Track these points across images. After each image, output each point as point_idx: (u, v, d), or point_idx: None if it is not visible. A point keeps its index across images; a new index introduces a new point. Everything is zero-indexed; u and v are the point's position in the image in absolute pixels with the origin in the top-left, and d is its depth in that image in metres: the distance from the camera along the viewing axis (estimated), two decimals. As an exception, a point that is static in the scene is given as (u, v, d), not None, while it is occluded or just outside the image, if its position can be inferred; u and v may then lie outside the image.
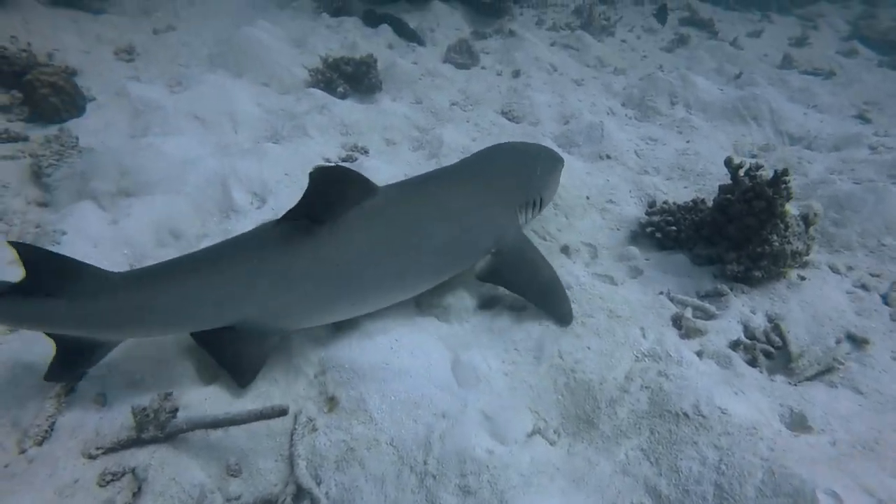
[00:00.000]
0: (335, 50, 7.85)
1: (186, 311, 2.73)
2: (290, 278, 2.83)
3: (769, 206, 3.53)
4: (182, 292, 2.70)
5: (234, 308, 2.77)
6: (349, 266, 2.93)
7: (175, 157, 4.82)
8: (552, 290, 3.40)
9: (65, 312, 2.51)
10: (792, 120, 6.50)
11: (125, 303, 2.60)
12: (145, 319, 2.69)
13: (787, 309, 3.69)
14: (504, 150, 4.10)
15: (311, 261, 2.87)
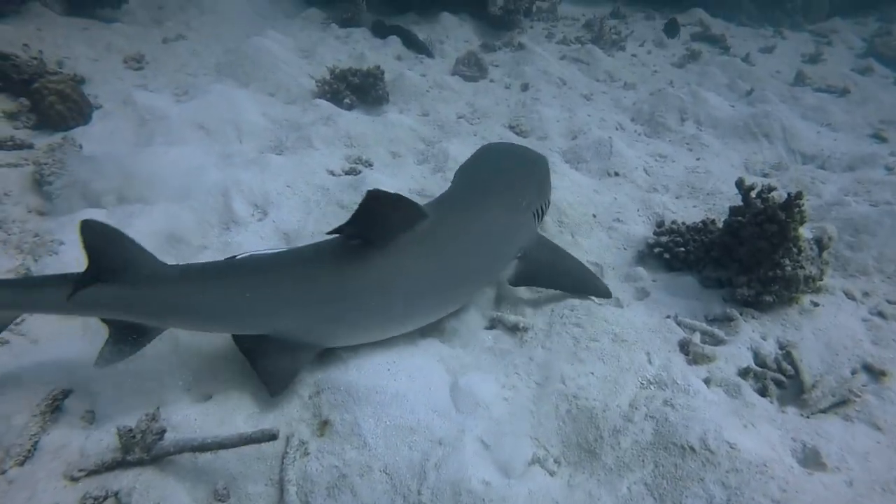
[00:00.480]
0: (343, 61, 7.85)
1: (226, 313, 2.82)
2: (334, 297, 2.87)
3: (781, 229, 3.42)
4: (224, 294, 2.77)
5: (270, 318, 2.81)
6: (396, 289, 2.98)
7: (178, 166, 4.78)
8: (583, 276, 3.65)
9: (126, 298, 2.61)
10: (805, 138, 6.38)
11: (177, 295, 2.71)
12: (192, 313, 2.80)
13: (800, 336, 3.56)
14: (502, 154, 4.24)
15: (359, 281, 2.89)
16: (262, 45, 7.37)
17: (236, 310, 2.80)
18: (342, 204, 4.56)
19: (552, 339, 3.40)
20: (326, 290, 2.87)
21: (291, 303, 2.84)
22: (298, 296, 2.85)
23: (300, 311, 2.86)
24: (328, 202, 4.59)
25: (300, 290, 2.85)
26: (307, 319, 2.87)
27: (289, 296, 2.83)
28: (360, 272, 2.88)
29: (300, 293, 2.85)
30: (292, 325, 2.84)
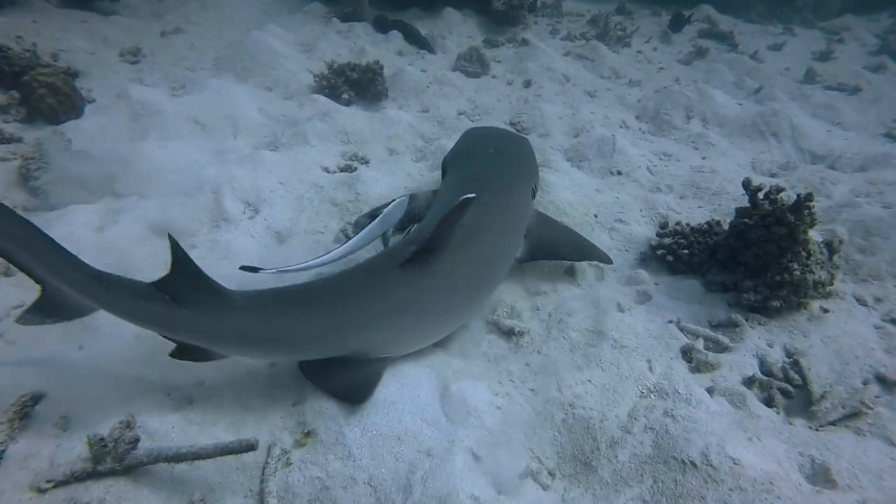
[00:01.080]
0: (343, 56, 7.72)
1: (307, 339, 2.76)
2: (404, 307, 2.89)
3: (790, 232, 3.27)
4: (298, 322, 2.71)
5: (348, 340, 2.78)
6: (451, 287, 3.02)
7: (170, 162, 4.69)
8: (584, 247, 3.85)
9: (187, 322, 2.55)
10: (814, 137, 6.20)
11: (243, 324, 2.60)
12: (260, 343, 2.72)
13: (808, 344, 3.41)
14: (489, 139, 4.32)
15: (420, 286, 2.90)
16: (262, 39, 7.25)
17: (313, 337, 2.76)
18: (335, 202, 4.43)
19: (549, 345, 3.27)
20: (398, 302, 2.86)
21: (370, 320, 2.82)
22: (375, 312, 2.82)
23: (378, 326, 2.84)
24: (321, 200, 4.47)
25: (376, 306, 2.81)
26: (384, 333, 2.88)
27: (367, 314, 2.80)
28: (419, 278, 2.87)
29: (377, 309, 2.81)
30: (371, 341, 2.84)
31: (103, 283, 2.52)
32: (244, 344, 2.70)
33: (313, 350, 2.81)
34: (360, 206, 4.37)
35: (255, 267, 3.10)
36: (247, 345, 2.71)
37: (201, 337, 2.63)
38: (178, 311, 2.50)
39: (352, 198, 4.44)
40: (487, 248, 3.22)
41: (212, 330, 2.61)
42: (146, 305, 2.51)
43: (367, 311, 2.79)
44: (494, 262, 3.35)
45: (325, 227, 4.22)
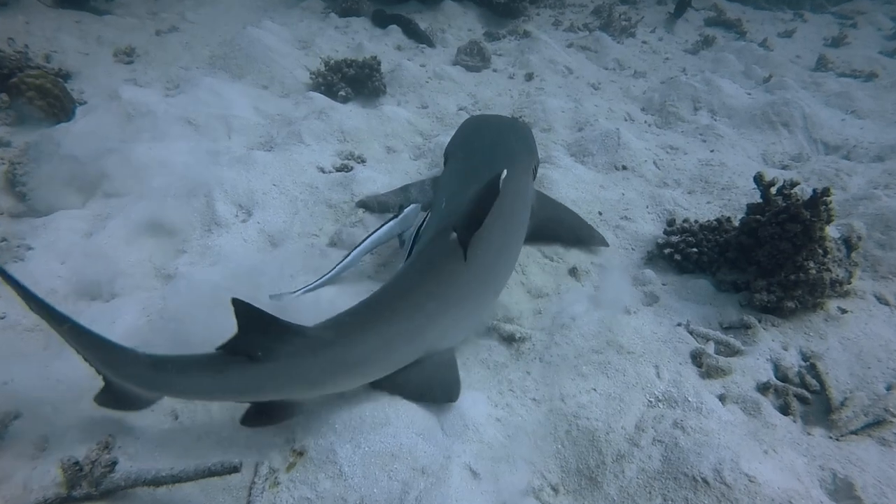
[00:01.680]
0: (341, 52, 7.57)
1: (386, 356, 2.66)
2: (461, 294, 2.88)
3: (806, 229, 3.09)
4: (380, 339, 2.60)
5: (427, 341, 2.76)
6: (485, 269, 3.03)
7: (160, 165, 4.56)
8: (581, 229, 3.98)
9: (272, 377, 2.36)
10: (828, 127, 5.98)
11: (326, 359, 2.46)
12: (347, 373, 2.57)
13: (826, 346, 3.24)
14: (489, 125, 4.36)
15: (468, 274, 2.89)
16: (257, 36, 7.10)
17: (396, 349, 2.67)
18: (330, 203, 4.29)
19: (551, 351, 3.12)
20: (459, 290, 2.87)
21: (442, 315, 2.80)
22: (445, 306, 2.80)
23: (448, 319, 2.84)
24: (316, 202, 4.33)
25: (444, 300, 2.80)
26: (452, 324, 2.89)
27: (439, 310, 2.78)
28: (464, 267, 2.83)
29: (445, 303, 2.81)
30: (444, 336, 2.85)
31: (163, 369, 2.33)
32: (335, 378, 2.55)
33: (401, 361, 2.72)
34: (356, 208, 4.23)
35: (282, 293, 3.16)
36: (338, 378, 2.56)
37: (290, 387, 2.46)
38: (258, 369, 2.30)
39: (347, 199, 4.30)
40: (505, 225, 3.23)
41: (301, 375, 2.44)
42: (219, 377, 2.31)
43: (439, 308, 2.77)
44: (512, 238, 3.36)
45: (320, 230, 4.09)
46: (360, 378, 2.65)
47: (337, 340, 2.46)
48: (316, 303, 3.30)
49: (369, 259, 3.80)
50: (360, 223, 4.11)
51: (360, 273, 3.70)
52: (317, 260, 3.76)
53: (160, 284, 3.63)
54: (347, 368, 2.54)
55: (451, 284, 2.83)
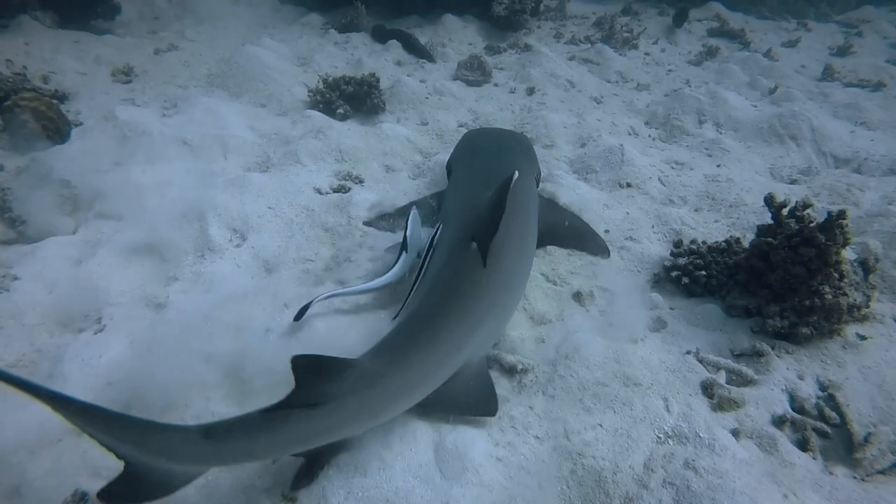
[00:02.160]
0: (340, 68, 7.52)
1: (434, 376, 2.63)
2: (491, 301, 2.90)
3: (821, 253, 2.94)
4: (428, 360, 2.58)
5: (464, 355, 2.75)
6: (512, 278, 3.10)
7: (154, 188, 4.48)
8: (583, 233, 4.05)
9: (330, 421, 2.27)
10: (837, 139, 5.84)
11: (383, 389, 2.39)
12: (401, 399, 2.52)
13: (845, 375, 3.08)
14: (490, 137, 4.63)
15: (496, 278, 2.93)
16: (255, 54, 7.05)
17: (444, 365, 2.66)
18: (326, 226, 4.19)
19: (555, 384, 2.98)
20: (489, 297, 2.89)
21: (479, 325, 2.80)
22: (480, 315, 2.82)
23: (484, 328, 2.85)
24: (312, 225, 4.22)
25: (479, 310, 2.82)
26: (487, 333, 2.91)
27: (477, 321, 2.79)
28: (489, 275, 2.88)
29: (480, 312, 2.82)
30: (478, 349, 2.88)
31: (214, 437, 2.12)
32: (392, 407, 2.48)
33: (445, 377, 2.69)
34: (352, 231, 4.12)
35: (306, 306, 3.14)
36: (394, 406, 2.50)
37: (351, 425, 2.37)
38: (321, 413, 2.21)
39: (343, 222, 4.19)
40: (520, 230, 3.33)
41: (361, 410, 2.34)
42: (281, 430, 2.17)
43: (476, 320, 2.77)
44: (527, 242, 3.44)
45: (316, 255, 3.97)
46: (412, 401, 2.58)
47: (390, 368, 2.42)
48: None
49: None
50: (359, 247, 3.99)
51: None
52: (311, 288, 3.64)
53: (151, 314, 3.51)
54: (402, 394, 2.50)
55: (481, 295, 2.84)
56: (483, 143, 4.47)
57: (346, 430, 2.38)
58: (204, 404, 2.82)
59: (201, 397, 2.84)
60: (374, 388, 2.34)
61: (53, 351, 3.07)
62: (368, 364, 2.39)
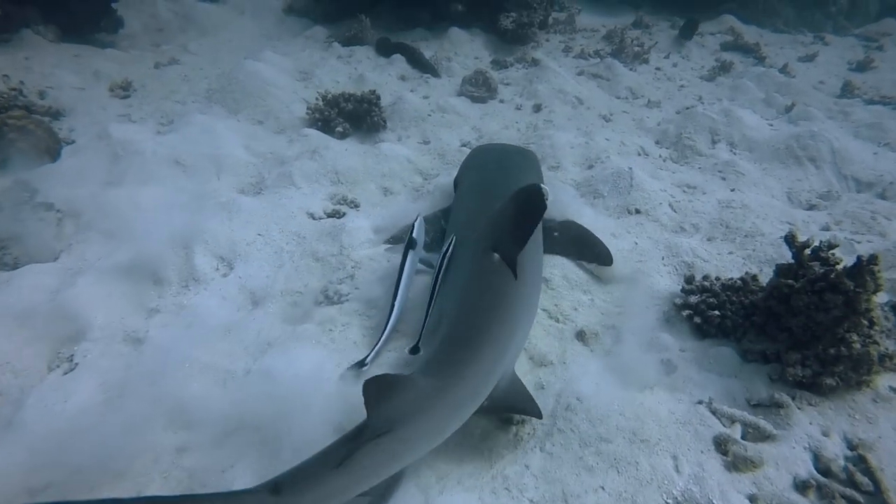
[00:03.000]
0: (342, 83, 7.37)
1: (489, 383, 2.62)
2: (521, 310, 2.95)
3: (849, 301, 2.68)
4: (477, 373, 2.56)
5: (504, 365, 2.75)
6: (531, 286, 3.17)
7: (141, 211, 4.32)
8: (586, 242, 3.96)
9: (402, 442, 2.24)
10: (859, 161, 5.55)
11: (444, 406, 2.40)
12: (459, 414, 2.49)
13: (877, 434, 2.80)
14: (498, 153, 4.63)
15: (519, 292, 2.98)
16: (255, 69, 6.92)
17: (489, 377, 2.63)
18: (317, 256, 3.99)
19: (554, 439, 2.74)
20: (520, 307, 2.94)
21: (515, 332, 2.85)
22: (515, 323, 2.87)
23: (517, 342, 2.90)
24: (302, 254, 4.02)
25: (514, 319, 2.87)
26: (518, 347, 2.96)
27: (510, 335, 2.82)
28: (515, 285, 2.93)
29: (515, 321, 2.87)
30: (512, 359, 2.89)
31: (282, 491, 2.01)
32: (450, 423, 2.46)
33: (492, 387, 2.65)
34: (344, 262, 3.91)
35: (362, 362, 3.04)
36: (453, 421, 2.48)
37: (417, 449, 2.35)
38: (387, 443, 2.14)
39: (335, 251, 3.99)
40: (536, 248, 3.43)
41: (425, 433, 2.34)
42: (351, 470, 2.09)
43: (511, 328, 2.81)
44: (538, 251, 3.54)
45: (305, 287, 3.77)
46: (466, 415, 2.54)
47: (446, 384, 2.41)
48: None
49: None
50: (349, 279, 3.79)
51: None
52: (297, 325, 3.44)
53: (128, 351, 3.32)
54: (459, 409, 2.47)
55: (513, 304, 2.89)
56: (488, 157, 4.54)
57: (414, 453, 2.34)
58: (172, 458, 2.61)
59: (167, 456, 2.64)
60: (436, 405, 2.33)
61: (16, 394, 2.88)
62: (425, 381, 2.36)
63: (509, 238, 2.94)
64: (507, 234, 2.96)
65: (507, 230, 2.97)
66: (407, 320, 3.38)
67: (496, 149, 4.88)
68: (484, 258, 3.00)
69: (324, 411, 2.68)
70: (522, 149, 5.00)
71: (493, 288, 2.90)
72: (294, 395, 2.76)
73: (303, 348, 3.18)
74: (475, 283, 2.97)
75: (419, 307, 3.28)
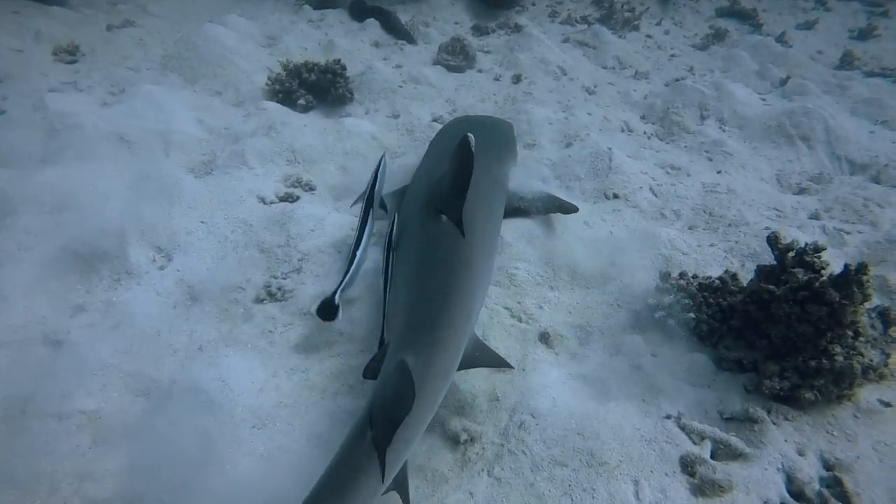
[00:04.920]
0: (311, 49, 6.87)
1: (463, 344, 2.54)
2: (477, 275, 2.85)
3: (833, 313, 2.40)
4: (457, 332, 2.49)
5: (474, 316, 2.72)
6: (487, 244, 3.10)
7: (74, 195, 3.94)
8: (549, 201, 3.89)
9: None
10: (854, 141, 5.22)
11: (433, 378, 2.30)
12: (446, 381, 2.42)
13: (856, 453, 2.58)
14: (476, 124, 4.40)
15: (474, 250, 2.89)
16: (216, 34, 6.40)
17: (465, 329, 2.58)
18: (263, 247, 3.66)
19: (503, 462, 2.50)
20: (477, 263, 2.85)
21: (475, 290, 2.76)
22: (474, 281, 2.77)
23: (481, 292, 2.86)
24: (247, 244, 3.69)
25: (471, 276, 2.76)
26: (481, 297, 2.91)
27: (472, 286, 2.74)
28: (466, 244, 2.86)
29: (473, 278, 2.77)
30: (478, 308, 2.84)
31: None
32: (440, 393, 2.39)
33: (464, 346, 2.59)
34: (290, 253, 3.59)
35: (333, 307, 2.95)
36: (441, 391, 2.40)
37: (421, 426, 2.27)
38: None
39: (282, 242, 3.66)
40: (492, 221, 3.35)
41: (423, 411, 2.24)
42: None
43: (472, 286, 2.73)
44: (496, 231, 3.44)
45: (247, 282, 3.45)
46: (450, 381, 2.47)
47: (430, 356, 2.29)
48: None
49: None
50: (296, 273, 3.48)
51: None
52: (234, 324, 3.14)
53: (45, 354, 3.01)
54: (444, 377, 2.38)
55: (469, 263, 2.79)
56: (459, 130, 4.21)
57: (418, 432, 2.25)
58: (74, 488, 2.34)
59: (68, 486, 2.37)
60: (425, 384, 2.20)
61: None
62: (400, 356, 2.21)
63: (450, 197, 2.85)
64: (447, 194, 2.87)
65: (446, 189, 2.89)
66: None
67: (471, 121, 4.67)
68: (431, 223, 2.91)
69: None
70: (498, 122, 4.73)
71: (446, 250, 2.81)
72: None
73: (234, 356, 2.89)
74: (427, 251, 2.87)
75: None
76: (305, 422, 2.66)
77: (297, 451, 2.49)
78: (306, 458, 2.48)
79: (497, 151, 4.00)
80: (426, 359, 2.27)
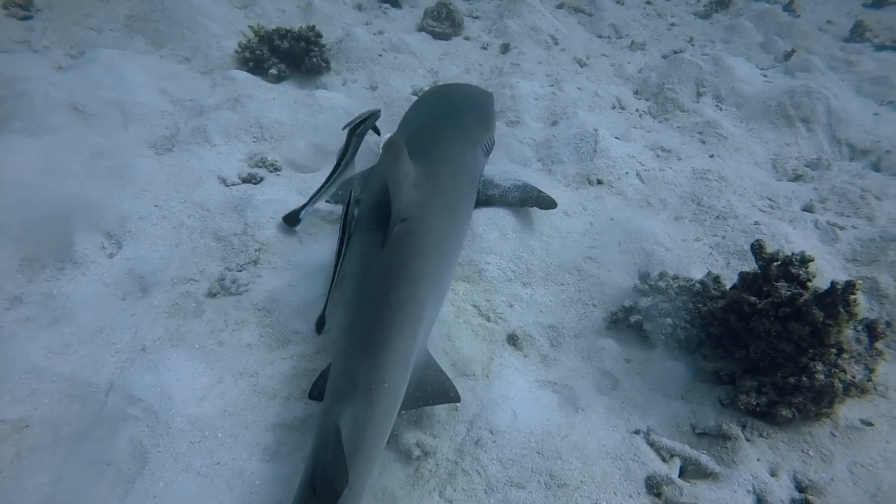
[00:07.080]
0: (288, 12, 6.45)
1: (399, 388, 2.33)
2: (441, 275, 2.73)
3: (816, 332, 2.21)
4: (409, 342, 2.37)
5: (424, 332, 2.55)
6: (448, 254, 2.86)
7: (18, 174, 3.67)
8: (526, 192, 3.60)
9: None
10: (856, 124, 4.94)
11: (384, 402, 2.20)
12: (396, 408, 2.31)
13: (830, 475, 2.44)
14: (452, 96, 4.19)
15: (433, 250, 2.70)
16: (184, -8, 5.97)
17: (411, 352, 2.40)
18: (219, 234, 3.43)
19: (456, 483, 2.35)
20: (421, 275, 2.59)
21: (424, 309, 2.53)
22: (420, 299, 2.54)
23: (428, 310, 2.58)
24: (203, 231, 3.46)
25: (415, 291, 2.54)
26: (427, 314, 2.58)
27: (421, 310, 2.51)
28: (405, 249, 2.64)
29: (417, 294, 2.54)
30: (427, 327, 2.61)
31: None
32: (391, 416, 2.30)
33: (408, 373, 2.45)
34: (247, 243, 3.37)
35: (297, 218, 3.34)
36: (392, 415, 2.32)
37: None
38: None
39: (239, 230, 3.43)
40: (459, 205, 3.11)
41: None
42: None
43: (422, 304, 2.53)
44: (466, 215, 3.26)
45: (200, 273, 3.24)
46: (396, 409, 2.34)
47: (358, 409, 2.10)
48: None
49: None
50: (252, 264, 3.27)
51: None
52: (183, 320, 2.95)
53: (-23, 351, 2.83)
54: (385, 425, 2.24)
55: (413, 279, 2.54)
56: (435, 102, 4.10)
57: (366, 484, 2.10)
58: None
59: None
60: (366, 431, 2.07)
61: None
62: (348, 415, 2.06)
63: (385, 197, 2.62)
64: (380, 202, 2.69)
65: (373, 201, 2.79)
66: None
67: (449, 90, 4.38)
68: (377, 234, 2.63)
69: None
70: (476, 92, 4.33)
71: (389, 266, 2.55)
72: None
73: (179, 357, 2.71)
74: (372, 262, 2.60)
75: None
76: (250, 433, 2.50)
77: (237, 467, 2.34)
78: (248, 475, 2.34)
79: (469, 129, 3.66)
80: (364, 405, 2.11)
